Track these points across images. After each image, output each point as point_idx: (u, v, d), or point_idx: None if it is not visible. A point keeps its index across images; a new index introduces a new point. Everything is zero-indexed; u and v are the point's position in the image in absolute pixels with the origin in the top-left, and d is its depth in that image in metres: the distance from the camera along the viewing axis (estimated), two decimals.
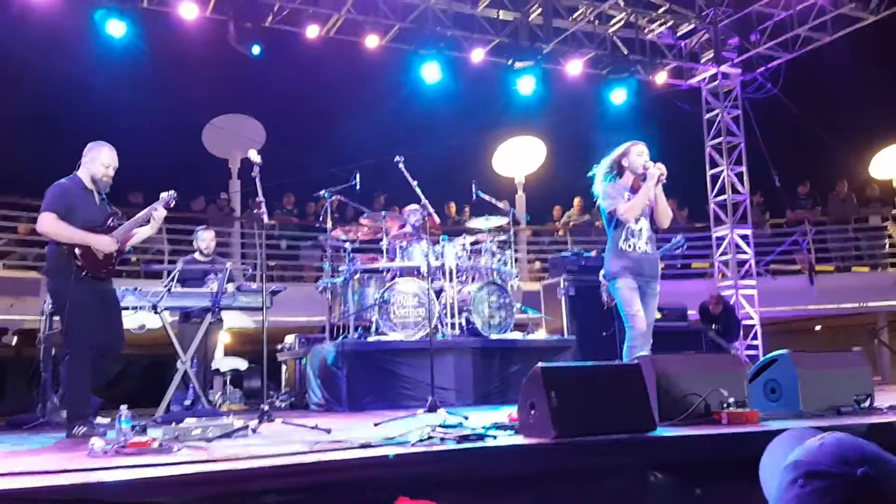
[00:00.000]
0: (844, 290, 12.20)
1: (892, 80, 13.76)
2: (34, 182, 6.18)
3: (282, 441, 3.36)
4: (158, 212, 4.68)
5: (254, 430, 3.76)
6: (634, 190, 4.79)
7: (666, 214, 4.85)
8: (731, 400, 3.62)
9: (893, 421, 3.33)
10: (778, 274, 12.50)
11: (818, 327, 15.11)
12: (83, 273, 4.26)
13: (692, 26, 11.54)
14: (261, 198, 4.52)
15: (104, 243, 4.35)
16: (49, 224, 4.25)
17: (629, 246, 4.73)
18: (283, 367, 8.59)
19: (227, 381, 9.02)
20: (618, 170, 4.84)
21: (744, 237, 11.53)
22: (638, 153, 4.80)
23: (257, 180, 4.72)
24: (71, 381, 4.40)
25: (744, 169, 11.64)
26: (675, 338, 7.73)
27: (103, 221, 4.46)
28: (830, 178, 13.52)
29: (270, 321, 5.19)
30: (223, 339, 9.68)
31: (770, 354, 4.31)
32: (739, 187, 11.64)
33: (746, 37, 11.22)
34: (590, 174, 5.05)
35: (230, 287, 6.07)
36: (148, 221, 4.70)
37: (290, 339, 8.35)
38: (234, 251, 11.66)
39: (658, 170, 4.69)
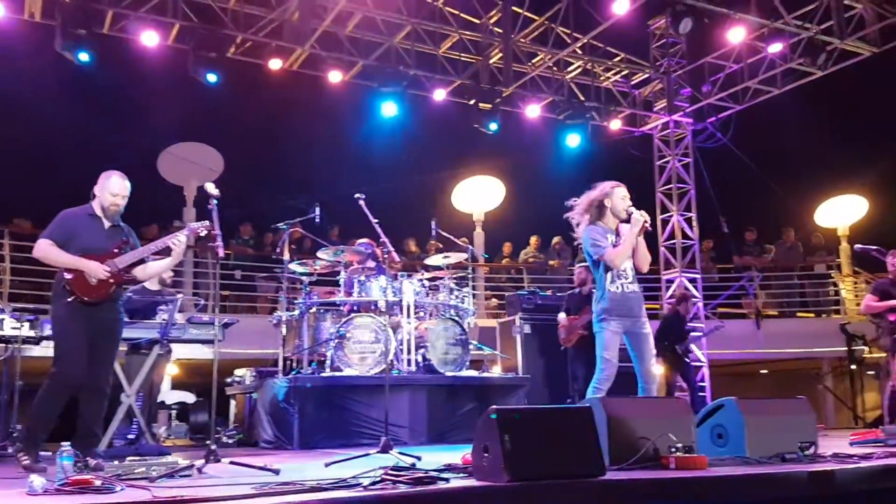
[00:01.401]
0: (789, 336, 12.52)
1: (837, 133, 14.38)
2: None
3: (228, 482, 3.29)
4: (180, 241, 4.59)
5: (199, 470, 3.68)
6: (616, 232, 4.87)
7: (646, 259, 4.96)
8: (679, 445, 3.68)
9: (835, 469, 3.42)
10: (725, 318, 12.78)
11: (764, 371, 15.45)
12: (72, 298, 4.27)
13: (646, 76, 11.94)
14: (217, 231, 4.47)
15: (93, 268, 4.32)
16: (41, 249, 4.34)
17: (617, 287, 4.80)
18: (232, 402, 8.42)
19: (173, 415, 8.80)
20: (598, 210, 4.90)
21: (692, 280, 11.80)
22: (621, 197, 4.88)
23: (214, 214, 4.67)
24: (38, 405, 4.30)
25: (693, 215, 11.97)
26: (632, 378, 7.82)
27: (107, 249, 4.44)
28: (777, 225, 13.96)
29: (221, 353, 5.11)
30: (170, 370, 9.46)
31: (717, 400, 4.40)
32: (689, 232, 11.95)
33: (698, 88, 11.63)
34: (567, 215, 5.05)
35: (180, 318, 5.96)
36: (169, 251, 4.61)
37: (240, 372, 8.20)
38: (186, 281, 11.46)
39: (643, 217, 4.79)
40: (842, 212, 14.03)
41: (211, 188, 4.57)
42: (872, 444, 4.89)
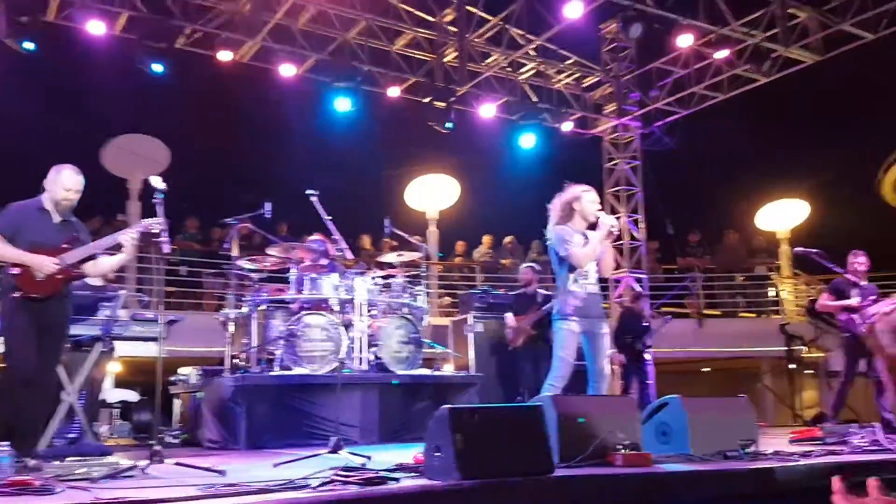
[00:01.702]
0: (731, 335, 12.86)
1: (780, 139, 14.82)
2: None
3: (172, 484, 3.22)
4: (133, 238, 4.47)
5: (143, 471, 3.59)
6: (584, 236, 4.96)
7: (610, 265, 5.12)
8: (626, 442, 3.75)
9: (775, 466, 3.52)
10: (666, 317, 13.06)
11: (706, 369, 15.83)
12: (19, 294, 4.18)
13: (597, 79, 12.11)
14: (165, 227, 4.36)
15: (39, 263, 4.22)
16: None
17: (579, 287, 4.89)
18: (177, 401, 8.23)
19: (115, 414, 8.58)
20: (568, 212, 4.98)
21: (638, 280, 12.03)
22: (591, 201, 5.00)
23: (159, 208, 4.56)
24: None
25: (640, 216, 12.20)
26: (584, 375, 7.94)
27: (57, 244, 4.33)
28: (720, 228, 14.32)
29: (165, 350, 4.99)
30: (113, 368, 9.21)
31: (662, 398, 4.50)
32: (636, 234, 12.18)
33: (647, 92, 11.85)
34: (549, 220, 5.09)
35: (124, 315, 5.81)
36: (119, 247, 4.49)
37: (185, 370, 8.02)
38: (129, 276, 11.17)
39: (611, 222, 4.90)
40: (782, 215, 14.46)
41: (157, 181, 4.46)
42: (812, 442, 5.05)
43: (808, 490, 3.43)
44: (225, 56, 9.65)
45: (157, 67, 8.76)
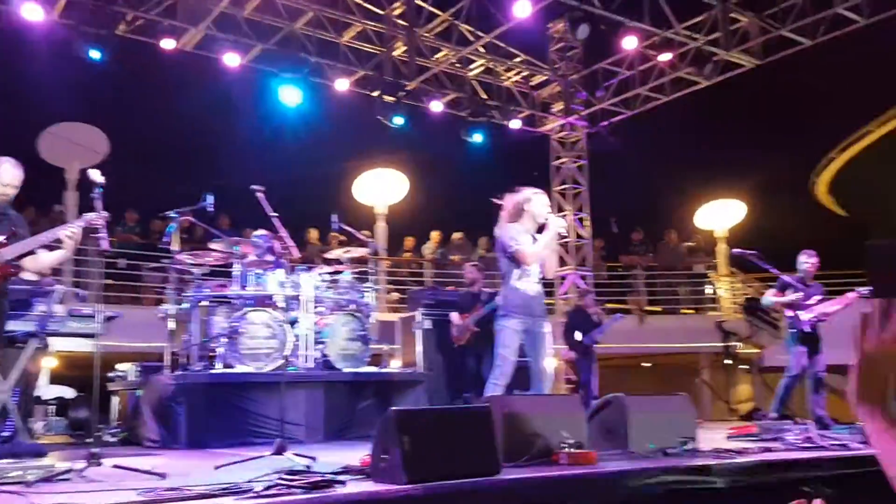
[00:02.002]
0: (670, 331, 13.18)
1: (719, 140, 15.21)
2: None
3: (111, 487, 3.13)
4: (74, 232, 4.27)
5: (80, 474, 3.48)
6: (532, 237, 5.01)
7: (553, 267, 5.20)
8: (571, 441, 3.80)
9: (713, 464, 3.62)
10: (612, 314, 13.30)
11: (647, 364, 16.19)
12: None
13: (545, 78, 12.23)
14: (103, 223, 4.22)
15: None
16: None
17: (524, 285, 4.94)
18: (115, 398, 8.01)
19: (51, 411, 8.31)
20: (519, 212, 5.04)
21: (583, 277, 12.22)
22: (542, 203, 5.08)
23: (98, 203, 4.41)
24: None
25: (586, 215, 12.38)
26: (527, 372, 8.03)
27: None
28: (662, 227, 14.64)
29: (103, 346, 4.85)
30: (48, 363, 8.91)
31: (605, 397, 4.58)
32: (581, 232, 12.36)
33: (593, 92, 12.02)
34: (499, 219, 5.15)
35: (60, 310, 5.62)
36: (59, 242, 4.29)
37: (123, 367, 7.80)
38: (66, 269, 10.81)
39: (560, 224, 5.00)
40: (720, 215, 14.87)
41: (96, 175, 4.31)
42: (748, 438, 5.21)
43: (746, 486, 3.54)
44: (167, 44, 9.41)
45: (95, 54, 8.46)
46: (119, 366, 7.86)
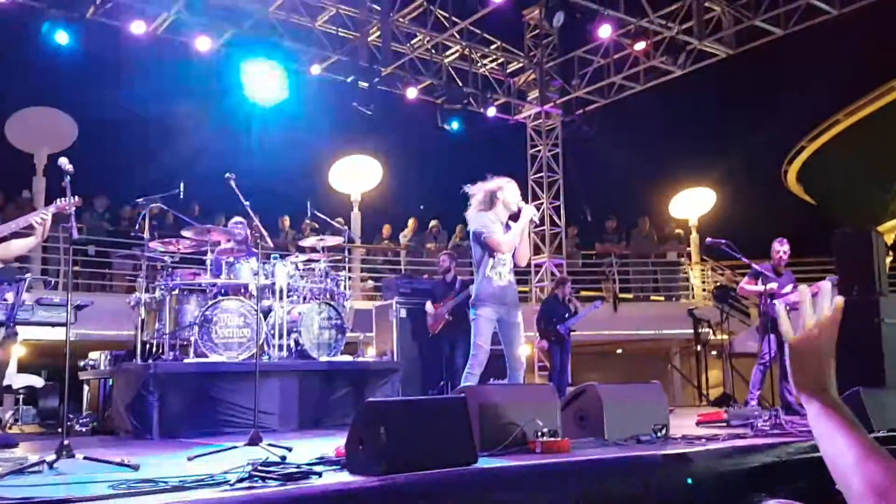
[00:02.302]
0: (643, 318, 13.32)
1: (692, 129, 15.35)
2: None
3: (82, 480, 3.09)
4: (45, 218, 4.16)
5: (50, 466, 3.43)
6: (505, 225, 5.02)
7: (526, 255, 5.19)
8: (546, 429, 3.83)
9: (686, 451, 3.67)
10: (586, 301, 13.40)
11: (620, 351, 16.36)
12: None
13: (521, 65, 12.21)
14: (71, 211, 4.13)
15: None
16: None
17: (497, 274, 4.95)
18: (86, 387, 7.91)
19: (20, 400, 8.18)
20: (491, 200, 5.02)
21: (558, 265, 12.28)
22: (514, 191, 5.07)
23: (68, 190, 4.32)
24: None
25: (561, 203, 12.43)
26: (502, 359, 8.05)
27: None
28: (635, 215, 14.77)
29: (74, 334, 4.77)
30: (17, 351, 8.76)
31: (579, 386, 4.62)
32: (557, 220, 12.41)
33: (568, 80, 12.03)
34: (468, 205, 5.13)
35: (28, 299, 5.52)
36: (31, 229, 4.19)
37: (95, 355, 7.70)
38: (34, 256, 10.62)
39: (533, 212, 5.01)
40: (692, 203, 15.02)
41: (65, 163, 4.22)
42: (717, 425, 5.29)
43: (716, 473, 3.60)
44: (138, 28, 9.22)
45: (63, 38, 8.27)
46: (91, 354, 7.76)
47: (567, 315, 8.73)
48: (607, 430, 4.24)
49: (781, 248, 7.10)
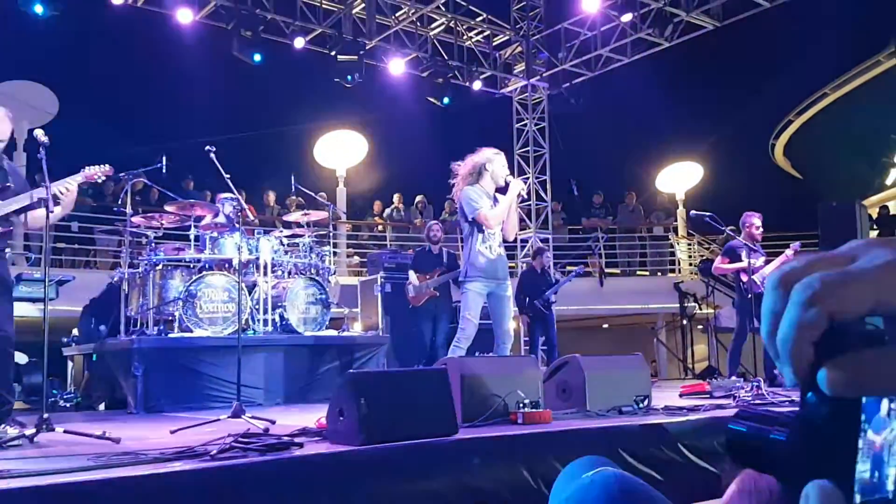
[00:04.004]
0: (629, 293, 13.38)
1: (679, 103, 15.33)
2: None
3: (63, 453, 3.09)
4: (71, 188, 4.07)
5: (31, 440, 3.42)
6: (493, 197, 5.00)
7: (514, 228, 5.18)
8: (527, 401, 3.85)
9: (665, 422, 3.70)
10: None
11: (606, 325, 16.47)
12: None
13: (507, 38, 12.10)
14: (47, 183, 4.07)
15: None
16: None
17: (487, 248, 4.94)
18: (70, 363, 7.89)
19: None
20: (478, 174, 4.99)
21: (544, 240, 12.29)
22: (502, 164, 5.04)
23: (44, 162, 4.25)
24: None
25: (547, 178, 12.40)
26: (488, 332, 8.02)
27: None
28: (621, 189, 14.78)
29: (57, 310, 4.74)
30: None
31: (562, 357, 4.64)
32: (543, 194, 12.39)
33: (555, 53, 11.94)
34: (451, 180, 5.12)
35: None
36: (56, 200, 4.06)
37: (78, 331, 7.68)
38: (16, 232, 10.50)
39: (520, 185, 4.99)
40: (680, 177, 15.04)
41: (40, 134, 4.15)
42: (700, 396, 5.34)
43: (699, 443, 3.63)
44: None
45: (38, 9, 8.12)
46: (75, 330, 7.73)
47: (544, 288, 8.61)
48: (589, 402, 4.27)
49: (751, 223, 6.86)
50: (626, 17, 10.73)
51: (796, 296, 0.39)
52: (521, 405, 3.80)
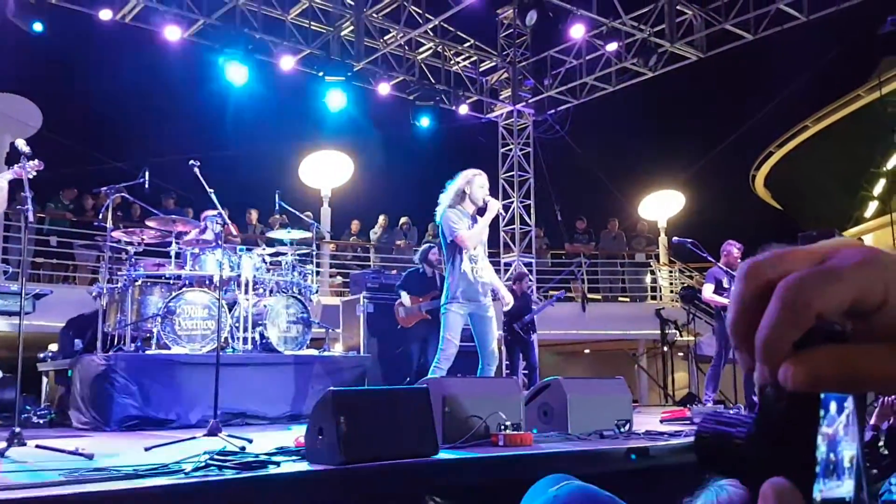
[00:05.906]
0: (611, 319, 13.40)
1: (662, 132, 15.53)
2: None
3: (34, 468, 3.02)
4: (1, 186, 4.05)
5: (1, 455, 3.34)
6: (473, 217, 5.04)
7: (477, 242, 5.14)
8: (508, 423, 3.83)
9: (647, 446, 3.69)
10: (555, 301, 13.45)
11: (587, 350, 16.47)
12: None
13: (493, 64, 12.22)
14: (27, 193, 4.03)
15: None
16: None
17: (471, 270, 4.95)
18: (45, 379, 7.74)
19: None
20: (459, 196, 5.05)
21: (527, 265, 12.31)
22: (480, 185, 5.09)
23: (24, 172, 4.21)
24: None
25: (531, 202, 12.46)
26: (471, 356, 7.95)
27: None
28: (604, 216, 14.87)
29: (33, 325, 4.66)
30: None
31: (544, 380, 4.62)
32: (527, 219, 12.44)
33: (540, 80, 12.06)
34: (439, 201, 5.16)
35: None
36: None
37: (55, 346, 7.55)
38: None
39: (498, 205, 5.06)
40: (662, 205, 15.16)
41: (22, 145, 4.12)
42: (681, 422, 5.33)
43: (677, 466, 3.62)
44: (105, 15, 9.06)
45: (38, 27, 8.09)
46: (51, 346, 7.61)
47: (525, 312, 8.58)
48: (571, 425, 4.25)
49: (731, 250, 6.86)
50: (612, 47, 10.86)
51: (784, 295, 0.39)
52: (503, 427, 3.78)
